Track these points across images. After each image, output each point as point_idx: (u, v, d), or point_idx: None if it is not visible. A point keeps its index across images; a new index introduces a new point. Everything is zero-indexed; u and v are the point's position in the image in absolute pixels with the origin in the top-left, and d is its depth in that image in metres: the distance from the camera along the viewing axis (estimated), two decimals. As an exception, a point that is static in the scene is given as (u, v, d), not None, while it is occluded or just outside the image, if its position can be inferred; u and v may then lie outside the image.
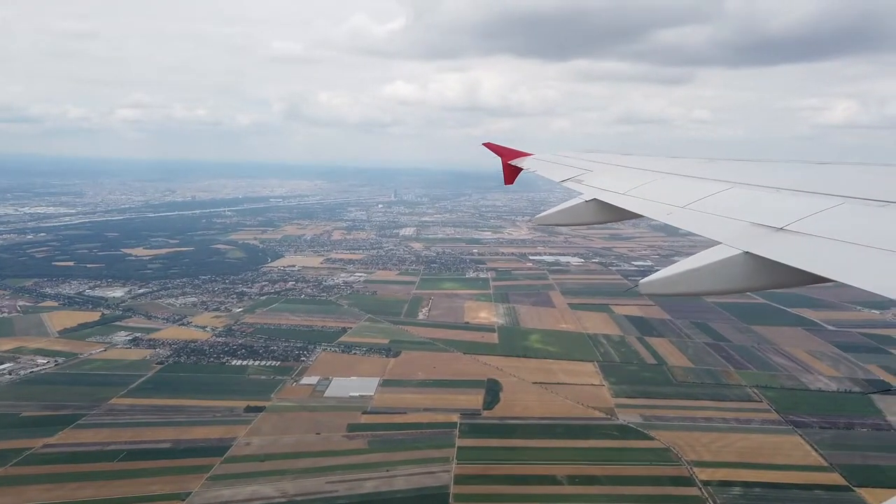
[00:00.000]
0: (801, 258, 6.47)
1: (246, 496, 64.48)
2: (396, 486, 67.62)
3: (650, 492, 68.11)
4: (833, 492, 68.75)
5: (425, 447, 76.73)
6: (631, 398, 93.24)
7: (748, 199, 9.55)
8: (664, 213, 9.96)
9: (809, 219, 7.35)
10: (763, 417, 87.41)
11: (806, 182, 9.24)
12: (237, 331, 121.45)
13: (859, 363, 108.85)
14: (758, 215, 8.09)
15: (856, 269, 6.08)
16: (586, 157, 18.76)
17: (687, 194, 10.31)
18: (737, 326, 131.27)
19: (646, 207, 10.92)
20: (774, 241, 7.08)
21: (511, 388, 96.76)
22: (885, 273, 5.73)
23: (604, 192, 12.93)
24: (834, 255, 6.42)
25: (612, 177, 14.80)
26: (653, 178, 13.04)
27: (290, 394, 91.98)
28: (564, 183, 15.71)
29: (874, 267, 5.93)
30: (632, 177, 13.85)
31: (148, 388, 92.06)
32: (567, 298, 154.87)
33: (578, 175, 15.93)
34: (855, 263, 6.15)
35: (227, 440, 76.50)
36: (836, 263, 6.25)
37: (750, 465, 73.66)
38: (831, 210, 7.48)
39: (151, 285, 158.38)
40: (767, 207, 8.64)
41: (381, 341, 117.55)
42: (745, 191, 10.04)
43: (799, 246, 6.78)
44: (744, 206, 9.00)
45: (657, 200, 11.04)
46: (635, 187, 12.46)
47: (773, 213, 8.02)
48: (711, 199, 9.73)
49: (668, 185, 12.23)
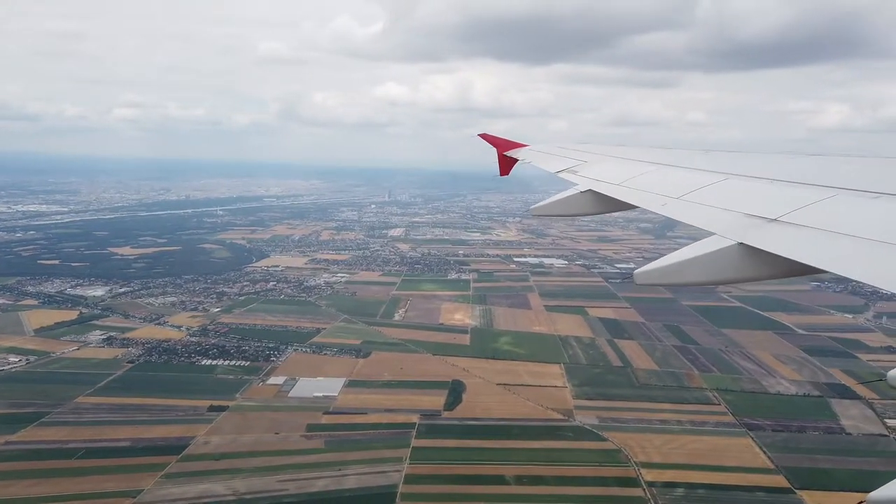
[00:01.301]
0: (794, 249, 6.54)
1: (196, 494, 65.94)
2: (346, 486, 69.10)
3: (595, 492, 69.48)
4: (775, 494, 70.12)
5: (381, 447, 78.16)
6: (591, 400, 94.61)
7: (742, 191, 9.59)
8: (659, 204, 9.99)
9: (803, 210, 7.41)
10: (718, 420, 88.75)
11: (800, 174, 9.31)
12: (212, 331, 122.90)
13: (823, 367, 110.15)
14: (752, 206, 8.13)
15: (849, 260, 6.14)
16: (582, 149, 18.67)
17: (682, 185, 10.33)
18: (708, 329, 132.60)
19: (641, 198, 10.97)
20: (768, 232, 7.16)
21: (475, 389, 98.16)
22: (877, 264, 5.73)
23: (599, 183, 12.98)
24: (827, 246, 6.48)
25: (608, 168, 14.79)
26: (648, 168, 13.05)
27: (256, 394, 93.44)
28: (560, 174, 15.73)
29: (867, 258, 5.96)
30: (627, 168, 13.82)
31: (115, 387, 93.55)
32: (544, 300, 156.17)
33: (574, 166, 15.89)
34: (848, 254, 6.22)
35: (187, 439, 77.94)
36: (829, 254, 6.30)
37: (697, 466, 75.07)
38: (825, 201, 7.53)
39: (133, 284, 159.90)
40: (761, 198, 8.67)
41: (354, 342, 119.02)
42: (739, 182, 10.08)
43: (792, 237, 6.87)
44: (738, 198, 9.02)
45: (652, 191, 11.10)
46: (630, 178, 12.46)
47: (767, 204, 8.07)
48: (706, 190, 9.75)
49: (663, 176, 12.29)
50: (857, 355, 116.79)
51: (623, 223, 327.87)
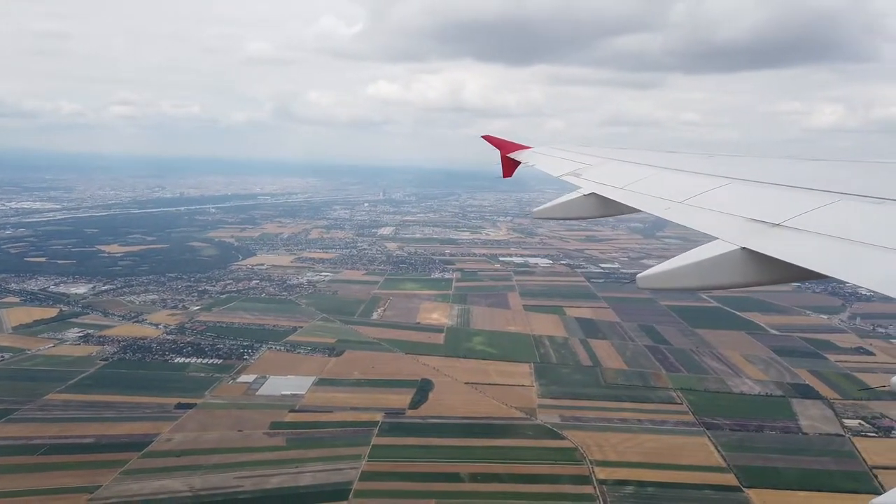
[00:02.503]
0: (797, 254, 6.54)
1: (152, 490, 67.27)
2: (301, 482, 70.43)
3: (546, 490, 70.82)
4: (722, 492, 71.44)
5: (341, 445, 79.53)
6: (555, 399, 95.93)
7: (746, 195, 9.59)
8: (662, 209, 10.02)
9: (806, 215, 7.40)
10: (678, 419, 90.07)
11: (803, 178, 9.35)
12: (189, 329, 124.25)
13: (790, 367, 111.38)
14: (755, 211, 8.14)
15: (852, 265, 6.15)
16: (585, 151, 18.76)
17: (685, 189, 10.34)
18: (682, 330, 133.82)
19: (643, 202, 10.98)
20: (771, 236, 7.17)
21: (442, 388, 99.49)
22: (880, 270, 5.75)
23: (602, 187, 13.02)
24: (830, 251, 6.50)
25: (611, 171, 14.81)
26: (651, 172, 13.02)
27: (224, 391, 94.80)
28: (563, 177, 15.77)
29: (870, 264, 5.95)
30: (630, 171, 13.81)
31: (86, 385, 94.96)
32: (524, 300, 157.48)
33: (577, 169, 15.87)
34: (851, 260, 6.22)
35: (150, 436, 79.31)
36: (832, 260, 6.32)
37: (650, 465, 76.34)
38: (828, 206, 7.52)
39: (117, 282, 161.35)
40: (765, 203, 8.67)
41: (328, 341, 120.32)
42: (742, 186, 10.08)
43: (796, 242, 6.86)
44: (741, 202, 9.03)
45: (655, 195, 11.10)
46: (634, 182, 12.45)
47: (770, 208, 8.08)
48: (709, 195, 9.77)
49: (666, 179, 12.27)
50: (826, 356, 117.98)
51: (614, 223, 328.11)
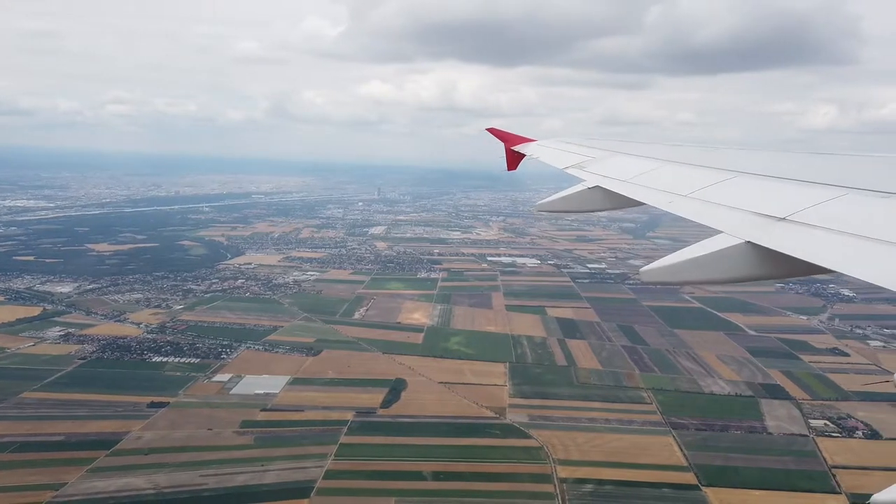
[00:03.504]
0: (802, 249, 6.52)
1: (117, 488, 68.32)
2: (265, 481, 71.46)
3: (507, 488, 71.91)
4: (680, 490, 72.50)
5: (309, 444, 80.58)
6: (526, 398, 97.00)
7: (751, 189, 9.51)
8: (666, 202, 9.99)
9: (812, 209, 7.35)
10: (645, 419, 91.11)
11: (808, 172, 9.23)
12: (170, 328, 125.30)
13: (764, 368, 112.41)
14: (760, 205, 8.09)
15: (857, 260, 6.12)
16: (590, 144, 18.61)
17: (690, 183, 10.33)
18: (661, 330, 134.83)
19: (648, 196, 10.95)
20: (776, 231, 7.13)
21: (415, 387, 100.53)
22: (886, 265, 5.72)
23: (607, 180, 12.93)
24: (835, 246, 6.46)
25: (616, 164, 14.67)
26: (656, 165, 12.92)
27: (199, 390, 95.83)
28: (567, 170, 15.73)
29: (875, 259, 5.93)
30: (635, 164, 13.66)
31: (62, 383, 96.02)
32: (507, 300, 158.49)
33: (582, 162, 15.76)
34: (856, 255, 6.20)
35: (120, 434, 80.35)
36: (837, 255, 6.29)
37: (612, 463, 77.41)
38: (834, 201, 7.47)
39: (103, 281, 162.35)
40: (770, 197, 8.61)
41: (307, 340, 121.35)
42: (747, 180, 9.98)
43: (801, 236, 6.83)
44: (746, 196, 8.98)
45: (660, 189, 11.02)
46: (638, 175, 12.40)
47: (775, 202, 8.02)
48: (714, 188, 9.71)
49: (671, 173, 12.15)
50: (800, 357, 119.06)
51: (606, 222, 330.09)
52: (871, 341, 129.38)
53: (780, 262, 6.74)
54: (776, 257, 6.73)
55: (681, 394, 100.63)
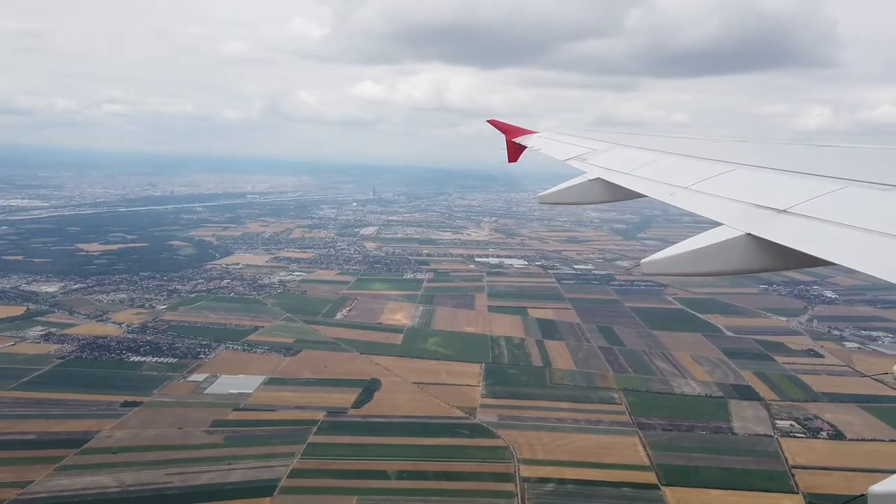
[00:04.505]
0: (802, 241, 6.52)
1: (83, 485, 69.45)
2: (230, 479, 72.54)
3: (469, 487, 72.96)
4: (639, 490, 73.53)
5: (277, 443, 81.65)
6: (498, 399, 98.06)
7: (752, 181, 9.53)
8: (667, 194, 10.01)
9: (812, 201, 7.33)
10: (613, 419, 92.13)
11: (810, 164, 9.26)
12: (151, 328, 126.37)
13: (737, 369, 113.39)
14: (761, 197, 8.08)
15: (857, 252, 6.12)
16: (591, 136, 18.59)
17: (691, 175, 10.28)
18: (639, 331, 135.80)
19: (649, 188, 10.93)
20: (777, 223, 7.14)
21: (389, 387, 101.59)
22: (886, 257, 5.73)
23: (608, 172, 12.90)
24: (836, 238, 6.47)
25: (617, 156, 14.58)
26: (658, 157, 12.88)
27: (173, 390, 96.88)
28: (569, 161, 15.69)
29: (876, 251, 5.93)
30: (637, 156, 13.67)
31: (39, 383, 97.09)
32: (490, 301, 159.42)
33: (583, 154, 15.75)
34: (857, 247, 6.19)
35: (91, 433, 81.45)
36: (837, 247, 6.29)
37: (576, 463, 78.48)
38: (834, 193, 7.46)
39: (89, 281, 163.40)
40: (771, 189, 8.62)
41: (287, 340, 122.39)
42: (749, 172, 9.99)
43: (801, 228, 6.84)
44: (747, 188, 8.98)
45: (661, 181, 11.00)
46: (640, 166, 12.36)
47: (776, 194, 8.02)
48: (715, 180, 9.70)
49: (672, 165, 12.17)
50: (774, 358, 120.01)
51: (598, 223, 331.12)
52: (847, 343, 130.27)
53: (781, 254, 6.77)
54: (777, 249, 6.76)
55: (651, 394, 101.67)
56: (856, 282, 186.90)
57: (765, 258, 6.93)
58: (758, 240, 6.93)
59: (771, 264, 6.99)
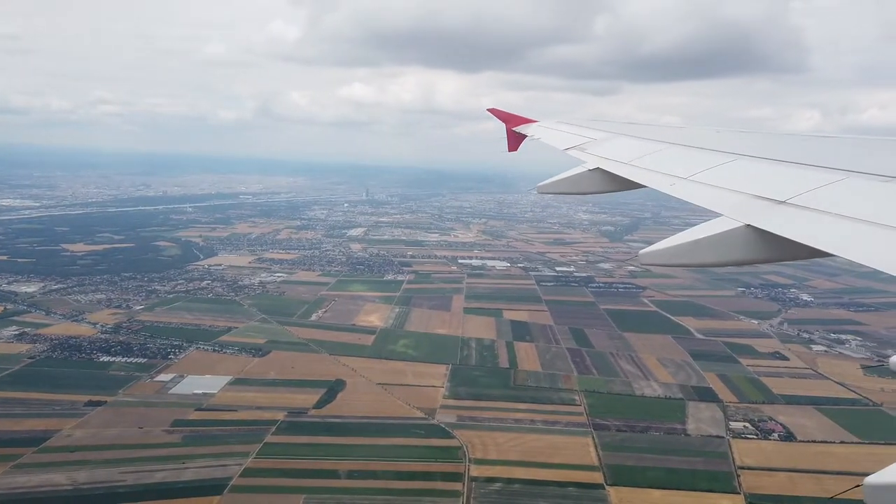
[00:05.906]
0: (802, 232, 6.50)
1: (37, 483, 70.88)
2: (182, 478, 73.90)
3: (417, 486, 74.30)
4: (584, 489, 74.88)
5: (234, 443, 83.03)
6: (459, 399, 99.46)
7: (752, 172, 9.47)
8: (667, 184, 9.98)
9: (812, 193, 7.32)
10: (570, 420, 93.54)
11: (810, 155, 9.24)
12: (125, 328, 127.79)
13: (701, 371, 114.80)
14: (761, 188, 8.06)
15: (857, 244, 6.08)
16: (592, 126, 18.48)
17: (691, 165, 10.25)
18: (610, 333, 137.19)
19: (649, 178, 10.87)
20: (776, 214, 7.11)
21: (353, 388, 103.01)
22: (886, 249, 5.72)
23: (607, 162, 12.86)
24: (836, 229, 6.45)
25: (617, 146, 14.54)
26: (658, 147, 12.82)
27: (138, 390, 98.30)
28: (569, 151, 15.62)
29: (876, 243, 5.92)
30: (637, 146, 13.61)
31: (5, 382, 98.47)
32: (467, 303, 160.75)
33: (583, 143, 15.69)
34: (856, 239, 6.16)
35: (51, 432, 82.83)
36: (837, 238, 6.27)
37: (526, 463, 79.86)
38: (834, 184, 7.43)
39: (70, 281, 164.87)
40: (771, 180, 8.57)
41: (258, 341, 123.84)
42: (749, 163, 9.94)
43: (801, 220, 6.81)
44: (747, 179, 8.94)
45: (660, 171, 10.96)
46: (640, 157, 12.31)
47: (776, 185, 8.00)
48: (715, 171, 9.69)
49: (672, 155, 12.11)
50: (740, 360, 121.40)
51: (586, 225, 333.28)
52: (814, 346, 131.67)
53: (780, 245, 6.74)
54: (776, 240, 6.74)
55: (612, 396, 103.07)
56: (835, 285, 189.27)
57: (764, 249, 6.93)
58: (757, 231, 6.93)
59: (770, 255, 6.99)
